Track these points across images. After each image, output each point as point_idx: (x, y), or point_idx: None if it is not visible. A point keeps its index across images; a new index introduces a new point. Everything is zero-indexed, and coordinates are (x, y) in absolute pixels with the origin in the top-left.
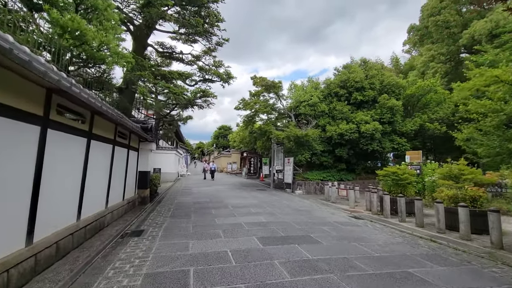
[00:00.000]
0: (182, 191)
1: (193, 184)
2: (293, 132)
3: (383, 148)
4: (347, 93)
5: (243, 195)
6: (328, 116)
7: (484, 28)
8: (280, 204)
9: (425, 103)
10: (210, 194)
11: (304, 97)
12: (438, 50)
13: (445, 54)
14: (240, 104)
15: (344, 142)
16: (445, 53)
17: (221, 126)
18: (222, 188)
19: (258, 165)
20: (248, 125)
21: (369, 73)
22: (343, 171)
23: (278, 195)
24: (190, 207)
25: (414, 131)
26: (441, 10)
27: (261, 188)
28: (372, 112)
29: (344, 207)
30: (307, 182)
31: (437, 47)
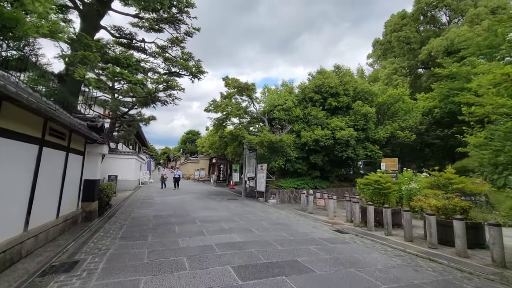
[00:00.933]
0: (142, 202)
1: (156, 193)
2: (267, 137)
3: (357, 155)
4: (321, 99)
5: (212, 206)
6: (302, 121)
7: (441, 45)
8: (254, 216)
9: (394, 111)
10: (175, 205)
11: (278, 101)
12: (400, 63)
13: (406, 68)
14: (210, 106)
15: (319, 149)
16: (406, 67)
17: (189, 131)
18: (188, 197)
19: (228, 172)
20: (219, 129)
21: (343, 79)
22: (317, 178)
23: (251, 205)
24: (149, 223)
25: (385, 139)
26: (402, 26)
27: (232, 197)
28: (346, 118)
29: (323, 218)
30: (281, 191)
31: (399, 60)
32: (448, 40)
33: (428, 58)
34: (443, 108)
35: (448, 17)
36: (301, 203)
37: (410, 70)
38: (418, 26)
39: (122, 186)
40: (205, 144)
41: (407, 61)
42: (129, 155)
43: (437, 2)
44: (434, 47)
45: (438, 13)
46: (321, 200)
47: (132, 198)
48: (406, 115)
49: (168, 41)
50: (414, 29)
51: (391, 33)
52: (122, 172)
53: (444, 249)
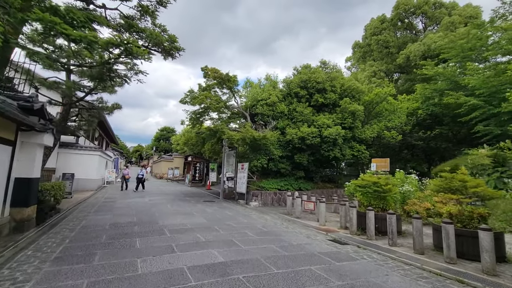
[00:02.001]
0: (101, 205)
1: (121, 195)
2: (250, 133)
3: (344, 155)
4: (307, 95)
5: (186, 210)
6: (287, 118)
7: (418, 50)
8: (236, 223)
9: (378, 111)
10: (141, 210)
11: (261, 95)
12: (379, 67)
13: (384, 71)
14: (187, 97)
15: (305, 147)
16: (384, 70)
17: (164, 128)
18: (158, 199)
19: (204, 171)
20: (196, 124)
21: (331, 75)
22: (301, 179)
23: (231, 209)
24: (101, 235)
25: (372, 139)
26: (382, 30)
27: (209, 199)
28: (333, 116)
29: (314, 224)
30: (263, 192)
31: (378, 64)
32: (425, 45)
33: (406, 62)
34: (425, 110)
35: (423, 24)
36: (287, 206)
37: (387, 74)
38: (396, 31)
39: (82, 186)
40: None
41: (386, 64)
42: (92, 151)
43: (414, 9)
44: (412, 52)
45: (415, 20)
46: (310, 203)
47: (90, 200)
48: (391, 115)
49: (135, 9)
50: (393, 33)
51: (371, 36)
52: (82, 170)
53: (465, 264)
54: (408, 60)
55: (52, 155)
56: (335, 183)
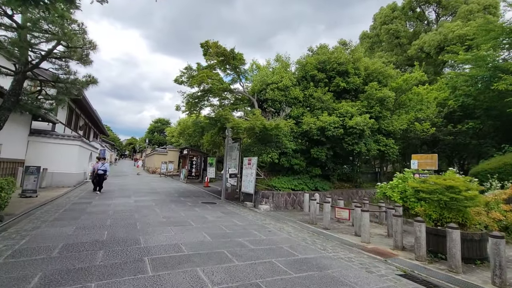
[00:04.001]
0: (69, 209)
1: (102, 191)
2: (260, 121)
3: (369, 150)
4: (326, 78)
5: (180, 218)
6: (302, 105)
7: (434, 40)
8: (253, 241)
9: (402, 101)
10: (119, 217)
11: (272, 78)
12: (388, 58)
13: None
14: (183, 75)
15: (324, 140)
16: (394, 62)
17: (158, 119)
18: (147, 200)
19: (201, 166)
20: (193, 110)
21: (354, 55)
22: (317, 177)
23: (239, 215)
24: (34, 275)
25: (401, 131)
26: (393, 19)
27: (209, 199)
28: (358, 103)
29: (353, 241)
30: (275, 193)
31: (387, 55)
32: (441, 34)
33: (418, 53)
34: (455, 101)
35: (437, 13)
36: (310, 212)
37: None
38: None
39: (57, 182)
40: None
41: (395, 56)
42: (70, 140)
43: None
44: (426, 42)
45: (427, 9)
46: (344, 211)
47: (59, 200)
48: (418, 105)
49: None
50: (404, 23)
51: (380, 25)
52: (58, 163)
53: None
54: (421, 51)
55: (21, 144)
56: (353, 182)
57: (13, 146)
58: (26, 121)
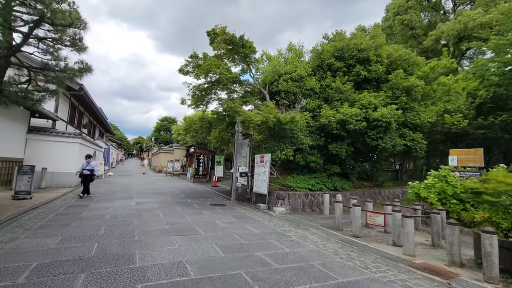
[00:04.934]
0: (61, 214)
1: (103, 192)
2: (273, 114)
3: (394, 145)
4: (345, 67)
5: (186, 224)
6: (318, 97)
7: (453, 29)
8: (275, 257)
9: (426, 91)
10: (115, 223)
11: (285, 68)
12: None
13: None
14: (188, 64)
15: (345, 135)
16: None
17: (164, 118)
18: (150, 202)
19: (209, 165)
20: (199, 104)
21: (376, 41)
22: (336, 176)
23: (253, 220)
24: None
25: (430, 124)
26: (407, 9)
27: (217, 200)
28: (381, 94)
29: (394, 252)
30: (291, 194)
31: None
32: (461, 23)
33: (435, 44)
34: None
35: (454, 2)
36: (335, 217)
37: None
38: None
39: (57, 182)
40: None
41: (410, 48)
42: (70, 138)
43: None
44: (444, 32)
45: None
46: (378, 216)
47: (53, 203)
48: (445, 96)
49: None
50: (419, 13)
51: (394, 16)
52: (58, 162)
53: None
54: (437, 42)
55: (18, 142)
56: (373, 181)
57: (9, 144)
58: (23, 117)
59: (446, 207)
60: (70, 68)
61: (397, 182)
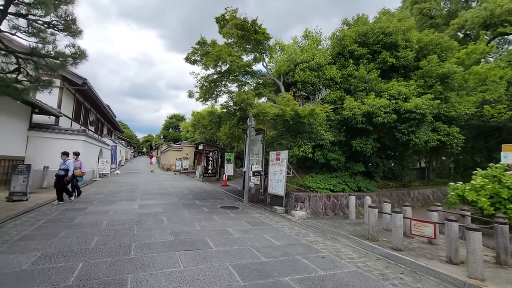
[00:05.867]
0: (53, 219)
1: (106, 193)
2: (291, 106)
3: (427, 141)
4: (369, 53)
5: (194, 234)
6: (339, 87)
7: (478, 16)
8: (305, 281)
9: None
10: (111, 233)
11: (301, 57)
12: None
13: None
14: (196, 52)
15: (371, 129)
16: None
17: (173, 115)
18: (154, 205)
19: (218, 163)
20: (209, 97)
21: (404, 23)
22: (358, 175)
23: (271, 226)
24: None
25: (467, 116)
26: None
27: (229, 202)
28: (412, 82)
29: (457, 275)
30: (312, 196)
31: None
32: (487, 10)
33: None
34: None
35: None
36: (369, 223)
37: None
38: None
39: None
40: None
41: None
42: (74, 135)
43: None
44: (468, 20)
45: None
46: (426, 226)
47: (49, 206)
48: (481, 85)
49: None
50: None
51: (411, 5)
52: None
53: None
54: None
55: (19, 140)
56: (397, 180)
57: (10, 142)
58: (25, 114)
59: (501, 213)
60: (60, 52)
61: (425, 181)
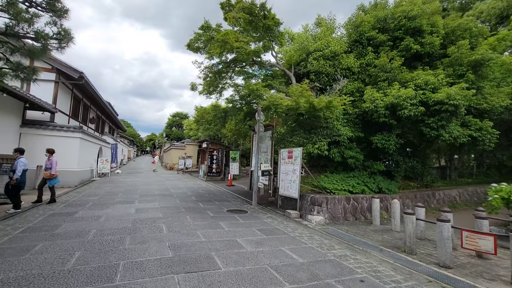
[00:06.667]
0: (33, 227)
1: (102, 195)
2: (306, 98)
3: (456, 137)
4: (390, 40)
5: (196, 250)
6: (357, 78)
7: (495, 7)
8: None
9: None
10: (96, 247)
11: (314, 45)
12: None
13: None
14: (199, 38)
15: (394, 123)
16: None
17: (176, 113)
18: (153, 208)
19: (223, 161)
20: (213, 90)
21: (430, 5)
22: (378, 175)
23: (287, 238)
24: None
25: (501, 109)
26: None
27: (236, 205)
28: (439, 71)
29: None
30: (330, 198)
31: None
32: (504, 1)
33: None
34: None
35: None
36: (406, 235)
37: None
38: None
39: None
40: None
41: None
42: (68, 132)
43: None
44: (483, 11)
45: None
46: (483, 238)
47: (38, 209)
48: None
49: None
50: None
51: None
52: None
53: None
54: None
55: (10, 137)
56: (418, 180)
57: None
58: (17, 109)
59: None
60: (40, 32)
61: (446, 181)
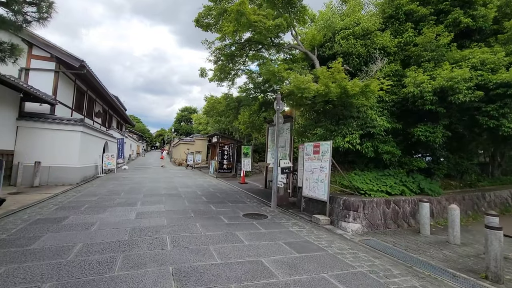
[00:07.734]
0: (7, 239)
1: (102, 194)
2: (338, 82)
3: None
4: (433, 14)
5: (210, 277)
6: (393, 60)
7: None
8: None
9: None
10: (80, 269)
11: (342, 23)
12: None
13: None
14: (209, 12)
15: (443, 111)
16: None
17: (185, 108)
18: (157, 213)
19: (234, 157)
20: (225, 77)
21: None
22: (415, 172)
23: (327, 257)
24: None
25: None
26: None
27: (252, 207)
28: (499, 48)
29: None
30: (366, 201)
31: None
32: None
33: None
34: None
35: None
36: (491, 257)
37: None
38: None
39: (54, 178)
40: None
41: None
42: (68, 125)
43: None
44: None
45: None
46: None
47: (21, 214)
48: None
49: None
50: None
51: None
52: (56, 154)
53: None
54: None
55: (6, 130)
56: (458, 178)
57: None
58: (13, 101)
59: None
60: None
61: (491, 180)
